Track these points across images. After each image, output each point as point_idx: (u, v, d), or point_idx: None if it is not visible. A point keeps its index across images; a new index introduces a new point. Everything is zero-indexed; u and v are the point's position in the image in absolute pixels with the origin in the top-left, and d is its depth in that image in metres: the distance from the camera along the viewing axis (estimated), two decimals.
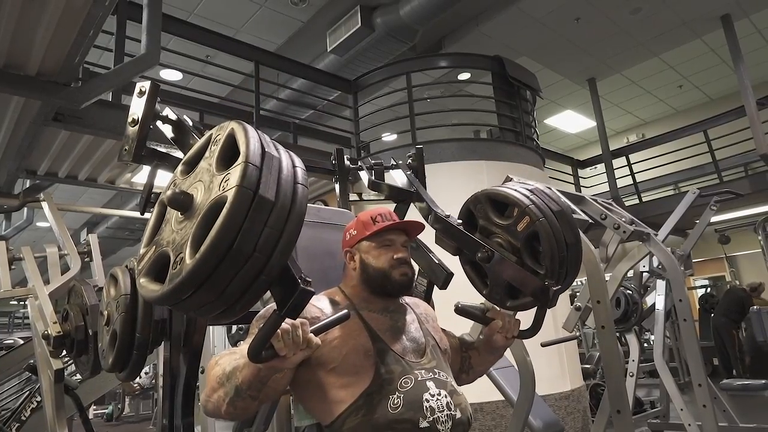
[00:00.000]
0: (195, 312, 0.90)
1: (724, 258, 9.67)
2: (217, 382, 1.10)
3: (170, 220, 0.95)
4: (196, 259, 0.81)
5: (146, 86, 1.40)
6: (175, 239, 0.90)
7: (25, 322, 15.22)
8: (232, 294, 0.85)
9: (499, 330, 1.39)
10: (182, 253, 0.85)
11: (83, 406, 3.47)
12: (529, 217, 1.35)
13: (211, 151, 0.97)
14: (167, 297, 0.85)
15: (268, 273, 0.85)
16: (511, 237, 1.40)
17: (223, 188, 0.85)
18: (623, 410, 2.26)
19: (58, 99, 3.31)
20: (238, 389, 1.07)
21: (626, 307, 4.37)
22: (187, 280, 0.82)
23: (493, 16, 6.56)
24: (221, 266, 0.81)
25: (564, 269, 1.36)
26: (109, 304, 1.62)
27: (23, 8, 2.66)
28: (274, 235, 0.84)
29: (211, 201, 0.85)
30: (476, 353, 1.51)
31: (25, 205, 4.38)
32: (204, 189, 0.91)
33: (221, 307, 0.87)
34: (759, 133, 6.22)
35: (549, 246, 1.32)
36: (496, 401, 4.11)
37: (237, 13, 6.35)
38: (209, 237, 0.80)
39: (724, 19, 6.88)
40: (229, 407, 1.08)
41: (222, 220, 0.81)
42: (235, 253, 0.81)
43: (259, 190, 0.83)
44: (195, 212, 0.89)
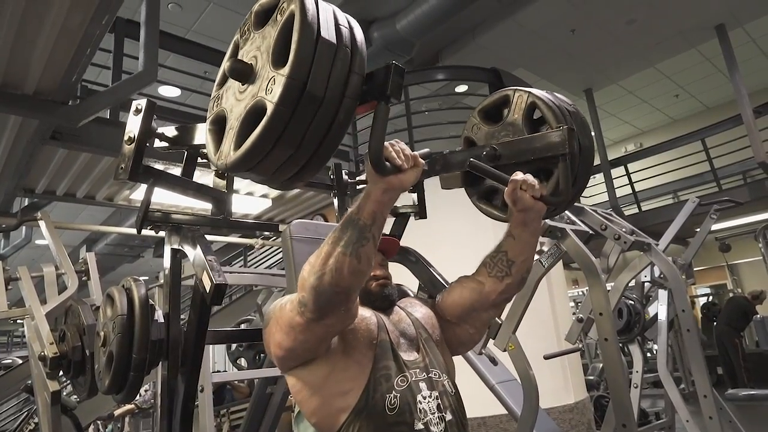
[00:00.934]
0: (278, 170, 0.93)
1: (726, 266, 9.64)
2: (331, 244, 1.02)
3: (231, 108, 1.00)
4: (292, 53, 0.85)
5: (142, 104, 1.40)
6: (253, 93, 0.94)
7: (24, 341, 15.13)
8: (334, 95, 0.88)
9: (522, 186, 1.19)
10: (271, 78, 0.89)
11: (81, 426, 3.43)
12: (521, 95, 1.30)
13: (245, 37, 1.05)
14: (277, 116, 0.86)
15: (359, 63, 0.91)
16: (511, 131, 1.34)
17: (281, 15, 0.90)
18: (628, 423, 2.23)
19: (56, 117, 3.31)
20: (362, 228, 1.01)
21: (629, 318, 4.33)
22: (290, 80, 0.84)
23: (490, 28, 6.60)
24: (315, 61, 0.85)
25: (571, 124, 1.23)
26: (106, 324, 1.59)
27: (20, 27, 2.67)
28: (343, 73, 0.88)
29: (282, 21, 0.90)
30: (511, 241, 1.31)
31: (22, 224, 4.36)
32: (258, 50, 0.96)
33: (307, 152, 0.91)
34: (756, 141, 6.22)
35: (550, 110, 1.25)
36: (500, 415, 4.06)
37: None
38: (296, 32, 0.86)
39: (719, 28, 6.92)
40: (353, 260, 1.00)
41: (299, 17, 0.85)
42: (323, 44, 0.86)
43: (320, 32, 0.87)
44: (259, 71, 0.93)
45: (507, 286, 1.32)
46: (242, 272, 2.88)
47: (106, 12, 2.69)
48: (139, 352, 1.48)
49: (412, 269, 1.70)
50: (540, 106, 1.26)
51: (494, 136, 1.38)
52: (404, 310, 1.38)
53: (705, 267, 9.86)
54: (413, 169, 1.02)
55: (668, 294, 4.10)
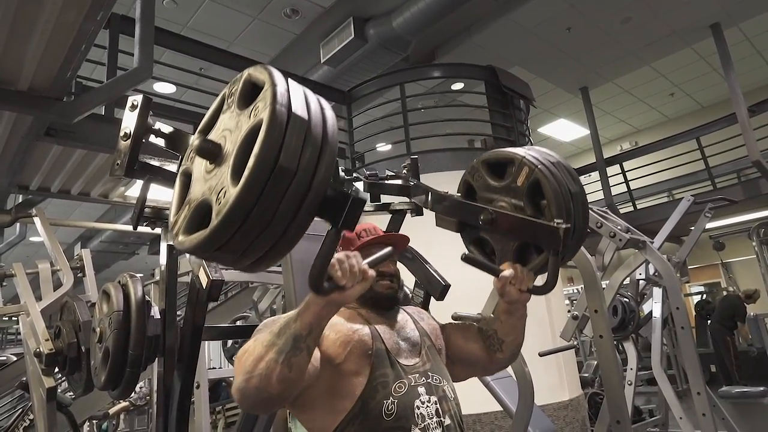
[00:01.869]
0: (241, 255, 0.86)
1: (720, 264, 9.69)
2: (265, 346, 1.01)
3: (198, 178, 0.93)
4: (242, 181, 0.78)
5: (138, 100, 1.39)
6: (211, 186, 0.88)
7: (18, 338, 15.06)
8: (281, 220, 0.82)
9: (511, 281, 1.28)
10: (223, 188, 0.83)
11: (77, 423, 3.42)
12: (528, 167, 1.30)
13: (228, 103, 0.95)
14: (215, 235, 0.81)
15: (316, 190, 0.83)
16: (513, 197, 1.34)
17: (255, 115, 0.84)
18: (622, 420, 2.24)
19: (50, 114, 3.29)
20: (297, 338, 1.00)
21: (623, 315, 4.35)
22: (235, 207, 0.78)
23: (486, 26, 6.60)
24: (267, 189, 0.79)
25: (571, 216, 1.27)
26: (102, 320, 1.59)
27: (14, 22, 2.65)
28: (315, 151, 0.83)
29: (248, 128, 0.84)
30: (499, 323, 1.41)
31: (17, 221, 4.34)
32: (231, 133, 0.90)
33: (272, 239, 0.84)
34: (751, 139, 6.25)
35: (552, 192, 1.26)
36: (495, 412, 4.07)
37: (230, 25, 6.36)
38: (252, 156, 0.78)
39: (714, 27, 6.94)
40: (284, 368, 0.99)
41: (262, 137, 0.79)
42: (280, 171, 0.79)
43: (292, 109, 0.83)
44: (226, 155, 0.88)
45: (498, 361, 1.42)
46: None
47: (100, 8, 2.67)
48: (135, 348, 1.48)
49: (408, 266, 1.70)
50: (545, 188, 1.26)
51: (493, 191, 1.39)
52: (411, 316, 1.40)
53: (699, 265, 9.91)
54: (360, 284, 1.00)
55: (663, 292, 4.12)
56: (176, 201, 0.98)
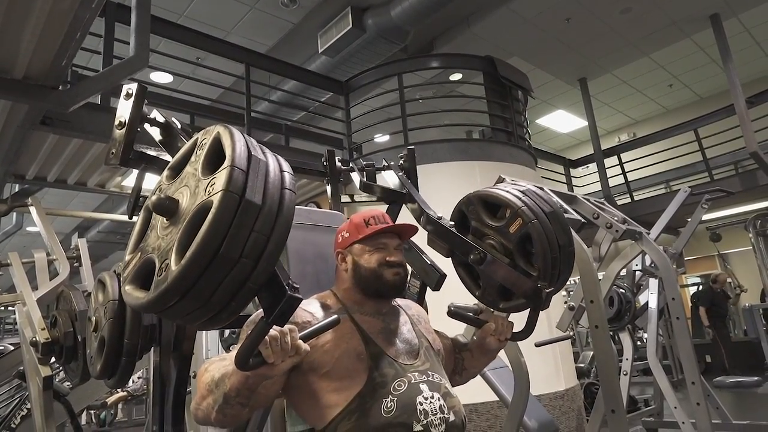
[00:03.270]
0: (181, 320, 0.88)
1: (716, 256, 9.73)
2: (206, 389, 1.08)
3: (156, 226, 0.93)
4: (182, 265, 0.79)
5: (133, 88, 1.38)
6: (161, 245, 0.88)
7: (15, 328, 15.06)
8: (219, 301, 0.83)
9: (492, 333, 1.39)
10: (168, 259, 0.83)
11: (74, 412, 3.43)
12: (522, 219, 1.34)
13: (196, 156, 0.95)
14: (152, 304, 0.83)
15: (255, 279, 0.83)
16: (503, 239, 1.39)
17: (209, 193, 0.83)
18: (617, 410, 2.26)
19: (46, 102, 3.27)
20: (227, 397, 1.05)
21: (619, 306, 4.38)
22: (172, 287, 0.80)
23: (484, 16, 6.56)
24: (207, 272, 0.79)
25: (557, 270, 1.36)
26: (98, 309, 1.59)
27: (8, 10, 2.62)
28: (262, 240, 0.82)
29: (197, 206, 0.84)
30: (469, 354, 1.50)
31: (12, 210, 4.32)
32: (190, 194, 0.89)
33: (208, 314, 0.85)
34: (748, 131, 6.25)
35: (541, 248, 1.31)
36: (491, 402, 4.10)
37: (227, 15, 6.31)
38: (195, 243, 0.78)
39: (713, 18, 6.92)
40: (219, 415, 1.06)
41: (207, 225, 0.79)
42: (221, 258, 0.79)
43: (245, 195, 0.81)
44: (181, 218, 0.87)
45: (455, 381, 1.50)
46: None
47: None
48: (131, 337, 1.48)
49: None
50: (535, 245, 1.33)
51: (486, 226, 1.45)
52: (411, 318, 1.39)
53: (696, 256, 9.95)
54: (292, 358, 1.00)
55: (659, 283, 4.14)
56: (134, 240, 0.98)
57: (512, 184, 1.51)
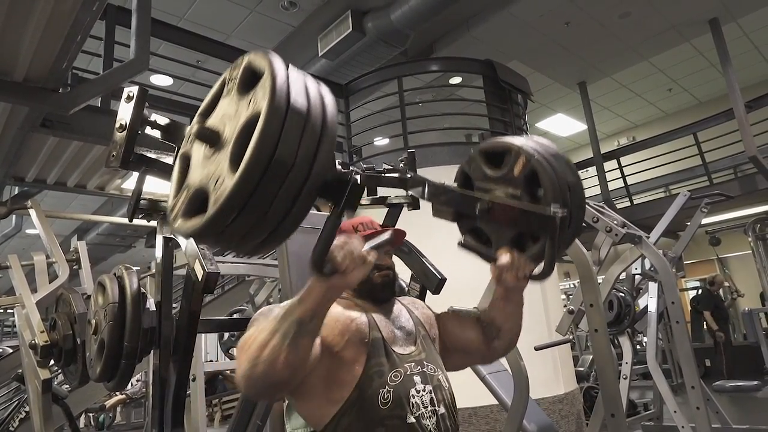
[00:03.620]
0: (240, 241, 0.86)
1: (716, 260, 9.72)
2: (269, 333, 1.02)
3: (197, 164, 0.93)
4: (239, 172, 0.78)
5: (134, 91, 1.38)
6: (209, 172, 0.87)
7: (14, 330, 15.02)
8: (278, 210, 0.82)
9: (507, 267, 1.26)
10: (220, 177, 0.83)
11: (73, 415, 3.42)
12: (524, 157, 1.29)
13: (228, 88, 0.95)
14: (211, 223, 0.82)
15: (313, 180, 0.83)
16: (509, 187, 1.33)
17: (254, 104, 0.84)
18: (617, 414, 2.26)
19: (46, 105, 3.27)
20: (300, 323, 1.00)
21: (619, 310, 4.37)
22: (230, 198, 0.78)
23: (484, 20, 6.58)
24: (264, 179, 0.79)
25: (568, 206, 1.25)
26: (97, 312, 1.59)
27: (9, 13, 2.63)
28: (314, 140, 0.83)
29: (246, 117, 0.84)
30: (496, 311, 1.41)
31: (12, 213, 4.32)
32: (230, 119, 0.90)
33: (268, 228, 0.84)
34: (748, 135, 6.25)
35: (549, 181, 1.24)
36: (490, 405, 4.09)
37: (227, 18, 6.32)
38: (250, 148, 0.78)
39: (712, 22, 6.93)
40: (290, 352, 1.00)
41: (260, 129, 0.79)
42: (277, 163, 0.79)
43: (290, 99, 0.82)
44: (225, 142, 0.88)
45: (496, 348, 1.41)
46: (235, 262, 2.87)
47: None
48: (131, 340, 1.48)
49: (404, 260, 1.70)
50: (541, 177, 1.25)
51: (490, 180, 1.38)
52: (405, 306, 1.40)
53: (695, 260, 9.94)
54: (360, 268, 1.00)
55: (658, 286, 4.14)
56: (175, 185, 0.98)
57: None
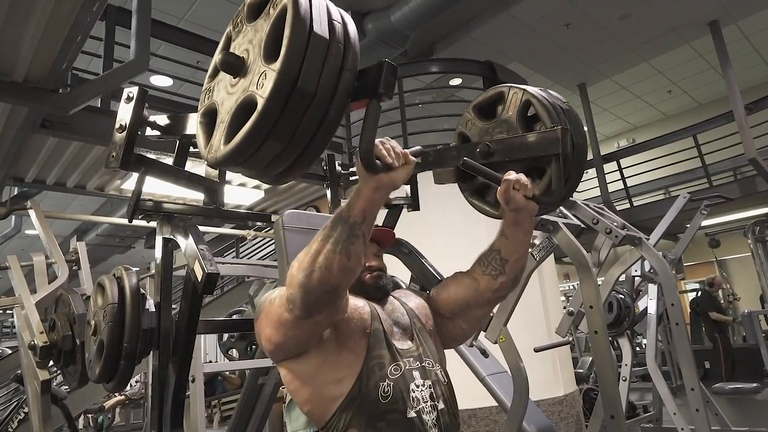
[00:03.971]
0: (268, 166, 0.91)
1: (715, 262, 9.72)
2: (320, 241, 1.02)
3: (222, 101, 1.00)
4: (284, 50, 0.83)
5: (134, 92, 1.38)
6: (244, 87, 0.93)
7: (13, 331, 14.99)
8: (325, 93, 0.87)
9: (515, 185, 1.19)
10: (262, 73, 0.88)
11: (72, 416, 3.42)
12: (516, 93, 1.30)
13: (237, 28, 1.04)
14: (267, 112, 0.85)
15: (353, 54, 0.89)
16: (505, 129, 1.34)
17: (274, 9, 0.89)
18: (617, 415, 2.26)
19: (46, 105, 3.27)
20: (352, 225, 1.01)
21: (619, 312, 4.37)
22: (281, 76, 0.83)
23: (484, 21, 6.58)
24: (307, 57, 0.84)
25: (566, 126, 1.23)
26: (96, 313, 1.59)
27: (9, 14, 2.63)
28: (342, 26, 0.89)
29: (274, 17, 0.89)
30: (504, 240, 1.32)
31: (11, 213, 4.32)
32: (251, 43, 0.95)
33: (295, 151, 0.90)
34: (747, 137, 6.26)
35: (543, 107, 1.24)
36: (490, 407, 4.09)
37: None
38: (287, 28, 0.84)
39: (712, 25, 6.94)
40: (343, 257, 1.00)
41: (292, 13, 0.84)
42: (316, 39, 0.85)
43: (313, 24, 0.86)
44: (250, 65, 0.92)
45: (501, 285, 1.33)
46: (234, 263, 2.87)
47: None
48: (130, 341, 1.48)
49: (404, 261, 1.70)
50: (535, 104, 1.25)
51: (488, 133, 1.38)
52: (398, 300, 1.38)
53: (694, 262, 9.94)
54: (404, 167, 1.03)
55: (658, 288, 4.14)
56: (203, 136, 1.03)
57: None
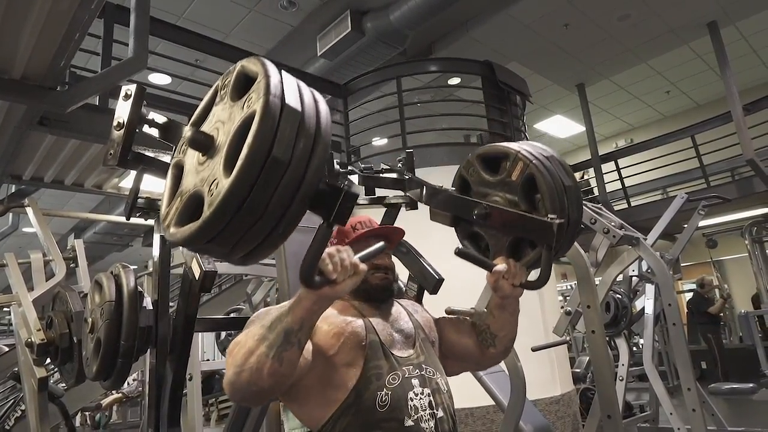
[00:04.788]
0: (236, 247, 0.86)
1: (712, 262, 9.75)
2: (256, 340, 1.01)
3: (189, 171, 0.93)
4: (235, 172, 0.78)
5: (132, 89, 1.38)
6: (204, 176, 0.87)
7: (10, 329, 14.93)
8: (274, 212, 0.82)
9: (504, 275, 1.27)
10: (216, 179, 0.82)
11: (69, 414, 3.42)
12: (522, 162, 1.30)
13: (221, 95, 0.95)
14: (207, 227, 0.81)
15: (309, 182, 0.83)
16: (507, 191, 1.35)
17: (248, 106, 0.84)
18: (613, 415, 2.26)
19: (44, 103, 3.26)
20: (288, 332, 1.00)
21: (616, 312, 4.38)
22: (227, 198, 0.78)
23: (483, 21, 6.58)
24: (261, 178, 0.78)
25: (565, 213, 1.27)
26: (94, 311, 1.59)
27: (7, 10, 2.63)
28: (308, 142, 0.83)
29: (241, 119, 0.84)
30: (492, 318, 1.41)
31: (9, 211, 4.31)
32: (223, 125, 0.89)
33: (264, 231, 0.84)
34: (745, 138, 6.27)
35: (546, 187, 1.26)
36: (487, 406, 4.09)
37: (226, 17, 6.32)
38: (245, 147, 0.78)
39: (711, 26, 6.96)
40: (274, 362, 0.99)
41: (255, 128, 0.78)
42: (273, 162, 0.78)
43: (285, 100, 0.82)
44: (219, 147, 0.87)
45: (492, 356, 1.42)
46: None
47: None
48: (127, 339, 1.48)
49: (402, 260, 1.70)
50: (539, 181, 1.26)
51: (487, 185, 1.40)
52: (405, 309, 1.39)
53: (692, 263, 9.96)
54: (351, 278, 1.00)
55: (655, 288, 4.15)
56: (168, 193, 0.97)
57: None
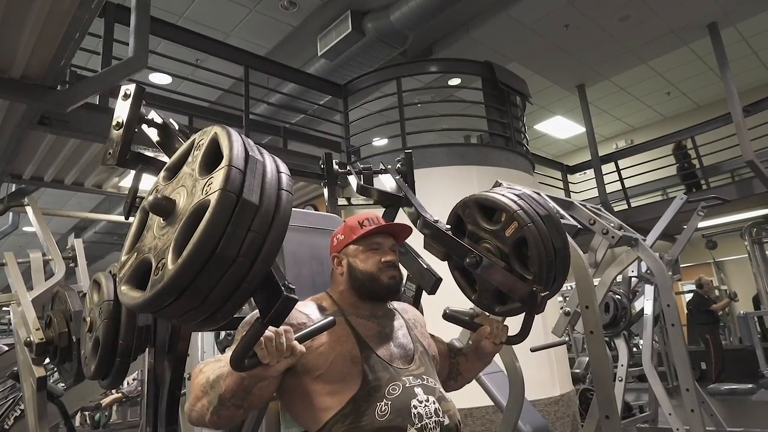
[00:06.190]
0: (177, 320, 0.88)
1: (712, 263, 9.75)
2: (201, 390, 1.08)
3: (152, 227, 0.93)
4: (178, 264, 0.79)
5: (131, 89, 1.38)
6: (157, 245, 0.88)
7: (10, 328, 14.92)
8: (215, 301, 0.83)
9: (487, 336, 1.40)
10: (164, 258, 0.83)
11: (68, 413, 3.42)
12: (518, 223, 1.34)
13: (194, 156, 0.95)
14: (148, 304, 0.83)
15: (251, 279, 0.83)
16: (499, 242, 1.40)
17: (206, 192, 0.83)
18: (612, 415, 2.26)
19: (44, 102, 3.27)
20: (222, 398, 1.05)
21: (615, 312, 4.38)
22: (168, 286, 0.80)
23: (483, 22, 6.59)
24: (204, 272, 0.79)
25: (552, 274, 1.37)
26: (92, 310, 1.59)
27: (7, 10, 2.63)
28: (258, 239, 0.82)
29: (194, 205, 0.84)
30: (465, 359, 1.50)
31: (8, 210, 4.30)
32: (187, 194, 0.89)
33: (203, 314, 0.85)
34: (745, 139, 6.28)
35: (537, 251, 1.32)
36: (486, 407, 4.09)
37: (227, 17, 6.32)
38: (191, 242, 0.78)
39: (711, 27, 6.96)
40: (213, 416, 1.06)
41: (204, 224, 0.79)
42: (218, 258, 0.79)
43: (242, 194, 0.82)
44: (177, 218, 0.87)
45: (448, 387, 1.50)
46: None
47: None
48: (126, 338, 1.48)
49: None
50: (530, 248, 1.34)
51: (482, 230, 1.45)
52: (407, 323, 1.39)
53: (691, 264, 9.96)
54: (285, 360, 1.01)
55: (654, 289, 4.15)
56: (130, 240, 0.99)
57: (508, 188, 1.52)
